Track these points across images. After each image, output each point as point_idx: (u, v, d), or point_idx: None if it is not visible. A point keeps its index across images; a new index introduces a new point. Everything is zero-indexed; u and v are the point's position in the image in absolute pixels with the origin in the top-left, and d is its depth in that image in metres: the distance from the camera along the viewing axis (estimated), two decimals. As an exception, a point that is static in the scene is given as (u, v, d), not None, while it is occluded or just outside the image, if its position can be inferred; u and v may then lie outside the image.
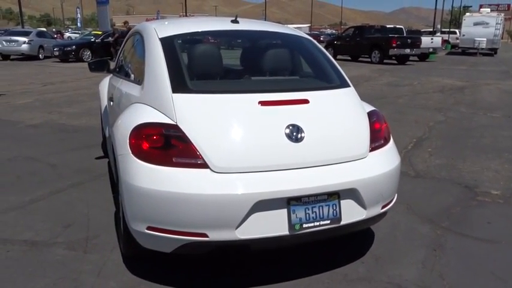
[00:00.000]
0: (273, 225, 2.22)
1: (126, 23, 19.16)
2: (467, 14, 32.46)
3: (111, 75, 4.39)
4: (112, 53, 18.65)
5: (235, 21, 3.11)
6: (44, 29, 31.32)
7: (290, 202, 2.23)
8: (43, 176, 4.28)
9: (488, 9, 31.83)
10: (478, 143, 5.90)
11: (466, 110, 8.45)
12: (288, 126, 2.34)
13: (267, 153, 2.28)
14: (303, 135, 2.34)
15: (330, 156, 2.39)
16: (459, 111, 8.37)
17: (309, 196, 2.26)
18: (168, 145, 2.27)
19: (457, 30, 38.33)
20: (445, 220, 3.41)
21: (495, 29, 28.73)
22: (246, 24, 3.14)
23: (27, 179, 4.20)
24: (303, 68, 3.06)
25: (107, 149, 4.44)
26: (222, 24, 3.11)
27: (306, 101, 2.49)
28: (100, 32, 20.17)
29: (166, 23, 3.17)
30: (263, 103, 2.40)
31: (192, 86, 2.49)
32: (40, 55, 20.91)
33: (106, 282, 2.51)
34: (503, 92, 11.41)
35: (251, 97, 2.44)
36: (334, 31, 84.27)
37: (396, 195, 2.75)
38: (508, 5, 73.69)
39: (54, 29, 39.52)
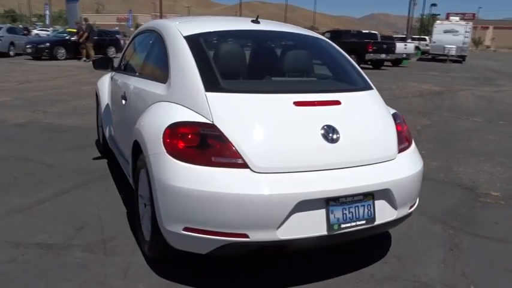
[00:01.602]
0: (312, 225, 2.22)
1: (86, 20, 18.97)
2: (438, 21, 33.47)
3: (112, 73, 4.31)
4: (82, 51, 18.27)
5: (256, 22, 3.11)
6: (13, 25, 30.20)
7: (329, 202, 2.23)
8: (42, 177, 4.13)
9: (457, 18, 32.95)
10: (467, 146, 6.09)
11: (448, 115, 8.70)
12: (323, 127, 2.35)
13: (305, 154, 2.28)
14: (338, 136, 2.36)
15: (363, 157, 2.41)
16: (442, 115, 8.61)
17: (346, 196, 2.27)
18: (205, 144, 2.24)
19: (426, 37, 39.48)
20: (455, 220, 3.50)
21: (464, 37, 29.74)
22: (268, 25, 3.14)
23: (26, 180, 4.05)
24: (328, 69, 3.08)
25: (110, 148, 4.35)
26: (244, 24, 3.10)
27: (338, 102, 2.51)
28: (75, 30, 19.63)
29: (184, 21, 3.12)
30: (298, 103, 2.40)
31: (225, 85, 2.47)
32: (10, 52, 20.16)
33: (134, 285, 2.45)
34: (478, 97, 11.81)
35: (286, 97, 2.43)
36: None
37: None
38: (473, 14, 76.36)
39: (20, 26, 38.12)
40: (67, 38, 19.60)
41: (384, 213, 2.41)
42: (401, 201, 2.48)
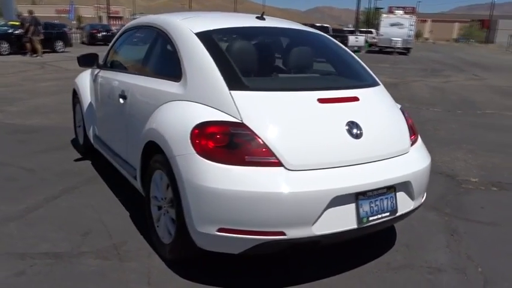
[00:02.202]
0: (343, 219, 2.27)
1: (30, 12, 17.97)
2: (384, 15, 34.68)
3: (96, 70, 4.13)
4: (26, 45, 17.29)
5: (261, 18, 3.10)
6: None
7: (358, 197, 2.29)
8: (25, 182, 3.91)
9: (402, 11, 34.30)
10: (436, 135, 6.40)
11: (410, 105, 9.07)
12: (347, 123, 2.40)
13: (333, 150, 2.32)
14: (361, 131, 2.41)
15: (383, 152, 2.49)
16: (404, 106, 8.93)
17: (373, 190, 2.34)
18: (237, 144, 2.22)
19: (373, 30, 40.80)
20: (446, 207, 3.69)
21: (409, 29, 31.06)
22: (273, 22, 3.14)
23: (8, 186, 3.81)
24: (338, 66, 3.12)
25: (94, 148, 4.19)
26: (250, 20, 3.08)
27: (356, 99, 2.57)
28: (18, 23, 18.47)
29: (188, 17, 3.04)
30: (321, 100, 2.43)
31: (248, 83, 2.45)
32: None
33: (161, 289, 2.40)
34: (431, 88, 12.41)
35: (309, 94, 2.46)
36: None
37: None
38: (413, 8, 79.75)
39: None
40: (10, 31, 18.42)
41: (403, 204, 2.51)
42: (417, 192, 2.59)
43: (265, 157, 2.19)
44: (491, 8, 60.42)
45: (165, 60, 2.97)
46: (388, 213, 2.42)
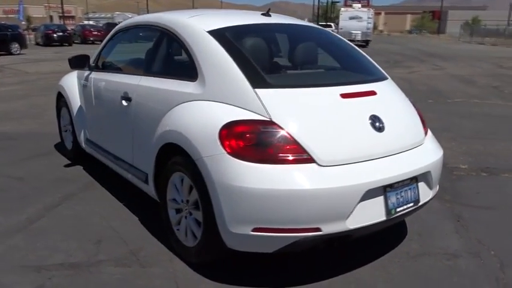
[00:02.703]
0: (374, 212, 2.31)
1: None
2: (343, 9, 35.31)
3: (87, 72, 3.99)
4: None
5: (267, 15, 3.08)
6: None
7: (386, 189, 2.33)
8: (18, 192, 3.72)
9: (359, 5, 35.06)
10: (416, 125, 6.58)
11: (383, 97, 9.30)
12: (370, 117, 2.43)
13: (360, 144, 2.35)
14: (383, 125, 2.45)
15: (403, 144, 2.54)
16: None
17: (399, 182, 2.39)
18: (268, 142, 2.20)
19: (332, 24, 41.45)
20: (445, 194, 3.81)
21: (367, 22, 31.80)
22: (280, 18, 3.13)
23: (0, 196, 3.62)
24: (349, 61, 3.14)
25: (85, 153, 4.06)
26: (257, 17, 3.05)
27: (374, 93, 2.61)
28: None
29: (195, 15, 2.98)
30: (344, 96, 2.45)
31: (271, 80, 2.43)
32: None
33: (193, 293, 2.36)
34: (398, 79, 12.72)
35: (331, 90, 2.47)
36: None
37: None
38: (368, 1, 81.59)
39: None
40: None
41: (424, 194, 2.58)
42: (435, 181, 2.67)
43: (297, 154, 2.19)
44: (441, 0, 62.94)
45: (175, 60, 2.91)
46: (412, 204, 2.48)
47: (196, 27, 2.76)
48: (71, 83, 4.33)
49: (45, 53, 21.99)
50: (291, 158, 2.18)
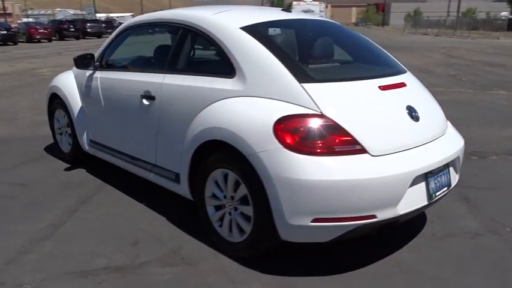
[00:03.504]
0: (418, 197, 2.45)
1: None
2: (295, 2, 35.85)
3: (83, 71, 3.90)
4: None
5: (287, 11, 3.15)
6: None
7: (427, 175, 2.48)
8: (26, 198, 3.58)
9: (309, -1, 35.75)
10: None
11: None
12: (407, 108, 2.57)
13: (403, 133, 2.48)
14: (417, 114, 2.60)
15: (434, 132, 2.70)
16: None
17: (437, 168, 2.54)
18: (323, 135, 2.28)
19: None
20: (446, 178, 4.05)
21: (319, 16, 32.41)
22: (299, 14, 3.20)
23: (9, 204, 3.47)
24: (372, 54, 3.24)
25: (88, 155, 3.96)
26: (279, 13, 3.10)
27: (404, 84, 2.74)
28: None
29: (220, 12, 2.99)
30: (382, 88, 2.57)
31: (313, 75, 2.51)
32: None
33: (251, 286, 2.40)
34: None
35: (370, 83, 2.58)
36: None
37: None
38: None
39: None
40: None
41: (453, 178, 2.76)
42: (459, 166, 2.86)
43: (351, 145, 2.28)
44: (385, -7, 65.64)
45: (204, 57, 2.90)
46: (446, 188, 2.65)
47: (228, 24, 2.77)
48: (68, 83, 4.18)
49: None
50: (345, 149, 2.27)
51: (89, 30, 35.88)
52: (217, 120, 2.57)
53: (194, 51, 3.04)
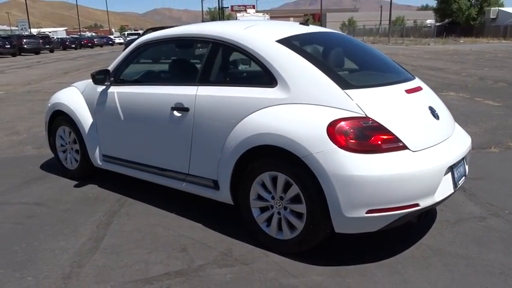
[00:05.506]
0: (448, 186, 2.79)
1: None
2: (239, 14, 36.50)
3: (93, 87, 3.95)
4: None
5: (305, 24, 3.42)
6: None
7: (453, 166, 2.83)
8: (48, 217, 3.55)
9: (254, 10, 36.51)
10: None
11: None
12: (429, 108, 2.92)
13: (431, 131, 2.83)
14: (437, 113, 2.96)
15: (450, 130, 3.08)
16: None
17: (459, 160, 2.91)
18: (371, 135, 2.56)
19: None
20: (438, 172, 4.49)
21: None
22: (316, 28, 3.49)
23: (33, 224, 3.44)
24: (385, 63, 3.56)
25: (112, 168, 4.00)
26: (298, 27, 3.37)
27: (421, 88, 3.11)
28: None
29: (250, 26, 3.20)
30: (408, 91, 2.91)
31: (352, 82, 2.79)
32: None
33: (310, 277, 2.62)
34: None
35: (398, 87, 2.92)
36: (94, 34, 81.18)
37: None
38: (253, 6, 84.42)
39: None
40: None
41: (467, 169, 3.15)
42: (469, 159, 3.25)
43: (395, 143, 2.58)
44: (320, 3, 68.22)
45: (238, 69, 3.09)
46: (464, 177, 3.03)
47: (264, 37, 3.00)
48: (75, 99, 4.19)
49: None
50: (390, 146, 2.57)
51: (25, 46, 34.30)
52: (264, 127, 2.78)
53: (227, 64, 3.22)
